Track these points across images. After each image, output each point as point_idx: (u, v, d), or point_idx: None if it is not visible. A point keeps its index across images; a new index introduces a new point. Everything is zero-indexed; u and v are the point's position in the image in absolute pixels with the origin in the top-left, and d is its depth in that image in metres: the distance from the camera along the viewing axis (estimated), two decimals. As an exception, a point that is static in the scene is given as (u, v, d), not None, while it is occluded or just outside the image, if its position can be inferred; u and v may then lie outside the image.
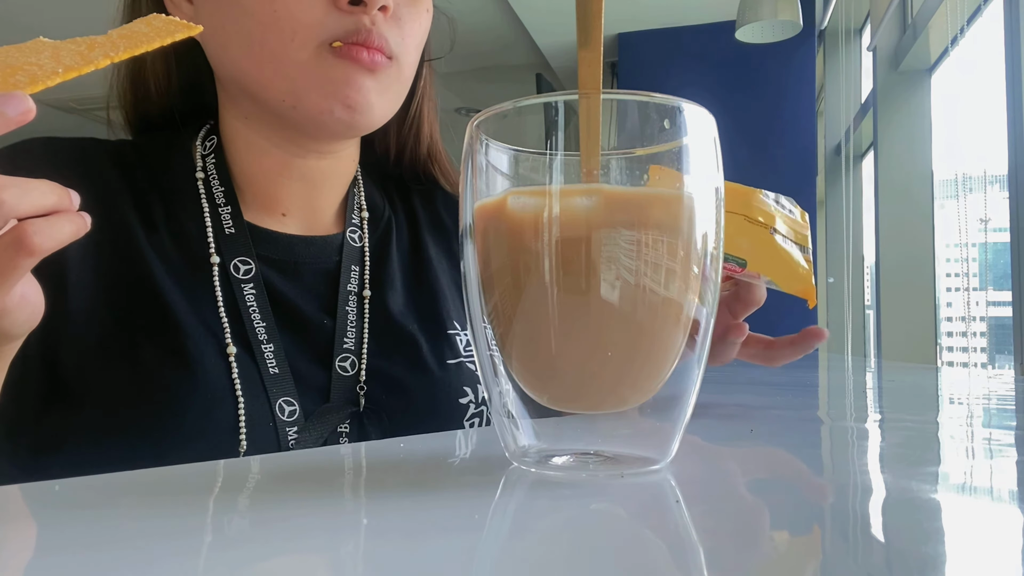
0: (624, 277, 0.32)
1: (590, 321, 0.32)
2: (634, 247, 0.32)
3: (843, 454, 0.42)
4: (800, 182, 3.24)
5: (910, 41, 2.92)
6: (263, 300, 0.59)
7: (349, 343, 0.62)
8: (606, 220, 0.32)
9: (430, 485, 0.33)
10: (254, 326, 0.58)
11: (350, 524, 0.27)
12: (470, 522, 0.27)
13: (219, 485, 0.34)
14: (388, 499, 0.30)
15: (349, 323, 0.63)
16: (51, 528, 0.26)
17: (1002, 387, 0.90)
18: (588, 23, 0.33)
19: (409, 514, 0.28)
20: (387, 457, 0.40)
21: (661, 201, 0.33)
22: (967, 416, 0.64)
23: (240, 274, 0.60)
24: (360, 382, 0.61)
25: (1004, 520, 0.29)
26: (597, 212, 0.32)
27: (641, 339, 0.33)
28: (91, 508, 0.29)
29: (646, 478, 0.33)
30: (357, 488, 0.33)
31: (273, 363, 0.57)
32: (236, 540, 0.26)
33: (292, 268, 0.63)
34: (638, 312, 0.32)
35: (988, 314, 2.89)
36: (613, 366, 0.33)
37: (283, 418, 0.56)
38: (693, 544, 0.26)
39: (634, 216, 0.32)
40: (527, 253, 0.32)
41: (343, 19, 0.56)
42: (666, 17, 3.37)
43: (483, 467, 0.37)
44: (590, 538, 0.26)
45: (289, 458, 0.41)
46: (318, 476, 0.36)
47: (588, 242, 0.31)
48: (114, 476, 0.33)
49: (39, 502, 0.30)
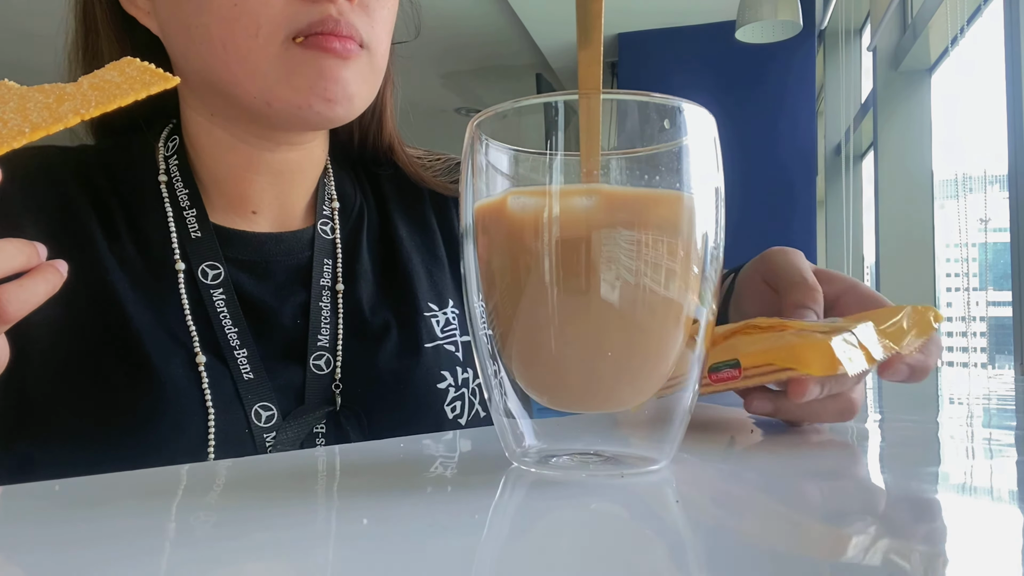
0: (624, 277, 0.32)
1: (590, 321, 0.32)
2: (634, 247, 0.32)
3: (843, 454, 0.42)
4: (800, 182, 3.24)
5: (910, 41, 2.92)
6: (233, 304, 0.58)
7: (323, 340, 0.60)
8: (606, 220, 0.32)
9: (430, 485, 0.33)
10: (225, 332, 0.57)
11: (351, 524, 0.27)
12: (471, 522, 0.27)
13: (221, 485, 0.34)
14: (388, 500, 0.30)
15: (323, 320, 0.61)
16: (51, 528, 0.26)
17: (1002, 387, 0.90)
18: (588, 24, 0.33)
19: (409, 514, 0.28)
20: (386, 457, 0.40)
21: (661, 201, 0.33)
22: (967, 416, 0.64)
23: (208, 279, 0.58)
24: (335, 380, 0.60)
25: (1004, 520, 0.29)
26: (597, 212, 0.32)
27: (641, 339, 0.33)
28: (91, 508, 0.29)
29: (646, 478, 0.33)
30: (357, 489, 0.33)
31: (247, 368, 0.56)
32: (237, 540, 0.26)
33: (263, 268, 0.61)
34: (638, 312, 0.32)
35: (988, 314, 2.89)
36: (613, 366, 0.33)
37: (260, 424, 0.54)
38: (693, 544, 0.26)
39: (634, 216, 0.32)
40: (527, 253, 0.32)
41: (309, 9, 0.54)
42: (666, 17, 3.37)
43: (483, 467, 0.37)
44: (590, 538, 0.26)
45: (274, 461, 0.41)
46: (311, 478, 0.35)
47: (588, 242, 0.31)
48: (115, 476, 0.33)
49: (39, 502, 0.30)
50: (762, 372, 0.42)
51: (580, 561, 0.23)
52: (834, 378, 0.42)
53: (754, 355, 0.42)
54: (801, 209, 3.23)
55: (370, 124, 0.71)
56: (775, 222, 3.19)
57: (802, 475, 0.35)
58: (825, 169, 3.87)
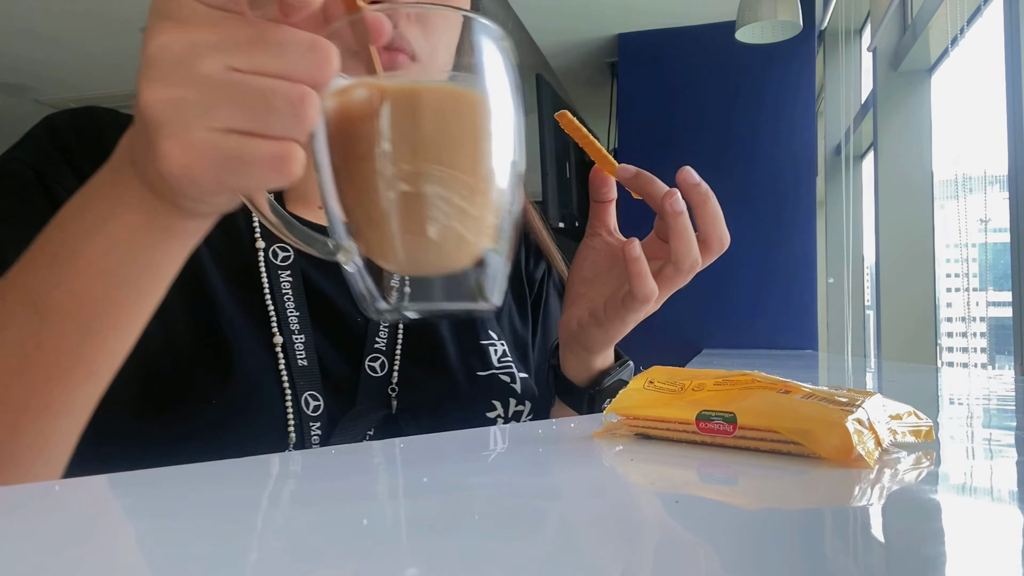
0: (433, 148, 0.35)
1: (408, 197, 0.35)
2: (439, 136, 0.35)
3: (843, 454, 0.42)
4: (800, 182, 3.24)
5: (910, 41, 2.92)
6: (299, 289, 0.59)
7: (380, 343, 0.61)
8: (409, 106, 0.35)
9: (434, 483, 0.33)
10: (287, 315, 0.57)
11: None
12: (470, 522, 0.27)
13: (231, 483, 0.34)
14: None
15: (383, 324, 0.62)
16: (51, 528, 0.26)
17: (1002, 387, 0.90)
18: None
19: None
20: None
21: (460, 94, 0.36)
22: (967, 416, 0.64)
23: (278, 260, 0.59)
24: (392, 383, 0.60)
25: (1004, 520, 0.29)
26: (401, 99, 0.35)
27: (457, 204, 0.36)
28: (91, 508, 0.29)
29: (644, 479, 0.33)
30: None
31: (303, 355, 0.57)
32: (236, 541, 0.26)
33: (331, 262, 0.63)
34: (449, 187, 0.35)
35: (988, 314, 2.89)
36: (441, 230, 0.36)
37: (307, 412, 0.55)
38: (693, 544, 0.26)
39: (430, 107, 0.35)
40: (352, 139, 0.35)
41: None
42: (666, 17, 3.36)
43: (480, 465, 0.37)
44: (589, 538, 0.26)
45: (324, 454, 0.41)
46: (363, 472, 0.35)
47: (396, 127, 0.34)
48: (115, 476, 0.33)
49: (40, 502, 0.30)
50: (761, 437, 0.38)
51: (579, 561, 0.23)
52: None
53: (754, 414, 0.38)
54: (801, 209, 3.22)
55: None
56: (775, 222, 3.19)
57: (801, 475, 0.35)
58: (825, 169, 3.86)
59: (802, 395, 0.39)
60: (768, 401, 0.39)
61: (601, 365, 0.65)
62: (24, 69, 3.85)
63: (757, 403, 0.39)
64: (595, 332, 0.61)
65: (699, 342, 3.19)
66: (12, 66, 3.79)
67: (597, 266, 0.63)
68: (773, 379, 0.42)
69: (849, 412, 0.36)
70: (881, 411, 0.39)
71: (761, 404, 0.39)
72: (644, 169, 0.58)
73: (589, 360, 0.64)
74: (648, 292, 0.55)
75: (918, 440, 0.41)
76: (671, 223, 0.55)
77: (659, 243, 0.58)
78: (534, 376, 0.73)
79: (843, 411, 0.37)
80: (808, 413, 0.37)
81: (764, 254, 3.20)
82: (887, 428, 0.39)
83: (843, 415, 0.36)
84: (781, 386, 0.41)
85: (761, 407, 0.39)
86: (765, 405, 0.39)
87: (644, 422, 0.43)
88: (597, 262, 0.63)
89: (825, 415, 0.37)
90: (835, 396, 0.39)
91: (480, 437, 0.47)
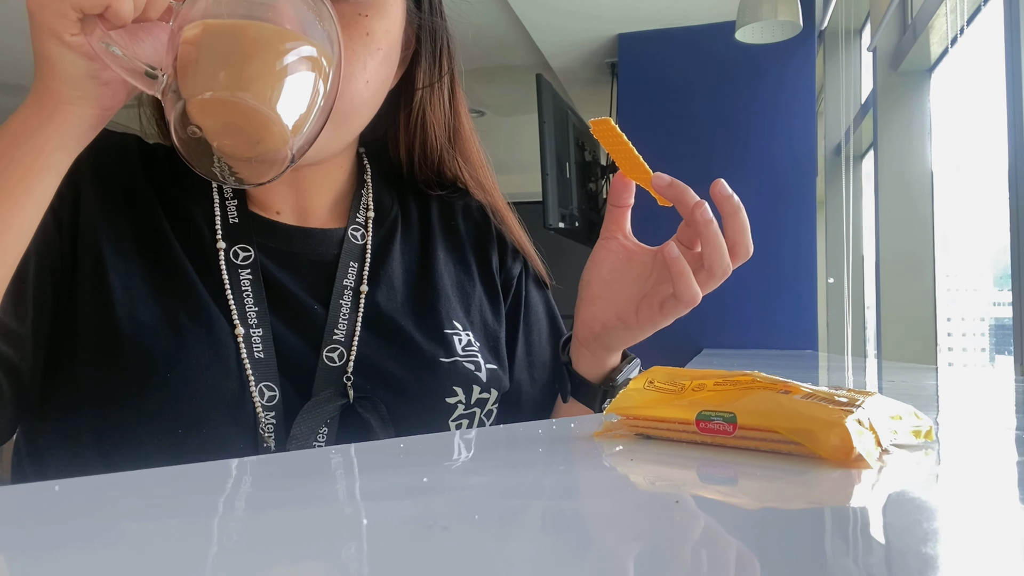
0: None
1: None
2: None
3: (843, 454, 0.42)
4: (800, 182, 3.24)
5: (910, 41, 2.92)
6: (258, 286, 0.62)
7: (339, 335, 0.63)
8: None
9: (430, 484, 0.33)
10: (245, 310, 0.60)
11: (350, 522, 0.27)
12: (470, 522, 0.27)
13: (228, 484, 0.34)
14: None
15: (342, 315, 0.64)
16: (51, 528, 0.26)
17: (1002, 387, 0.90)
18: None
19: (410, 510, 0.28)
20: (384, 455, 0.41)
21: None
22: (967, 416, 0.64)
23: (239, 260, 0.63)
24: (347, 372, 0.62)
25: (1004, 520, 0.29)
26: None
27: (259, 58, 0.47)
28: (91, 508, 0.29)
29: (644, 479, 0.33)
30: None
31: (259, 347, 0.59)
32: (237, 539, 0.26)
33: (289, 257, 0.65)
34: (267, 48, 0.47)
35: (988, 314, 2.89)
36: (260, 86, 0.46)
37: (263, 402, 0.58)
38: (693, 544, 0.26)
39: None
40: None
41: None
42: (666, 17, 3.36)
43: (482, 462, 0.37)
44: (590, 538, 0.26)
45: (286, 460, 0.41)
46: (323, 477, 0.36)
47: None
48: (115, 476, 0.33)
49: (39, 502, 0.30)
50: (761, 437, 0.38)
51: (579, 561, 0.23)
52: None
53: (754, 414, 0.38)
54: (801, 209, 3.22)
55: (413, 146, 0.74)
56: (775, 222, 3.19)
57: (801, 475, 0.35)
58: (825, 169, 3.86)
59: (802, 395, 0.39)
60: (768, 401, 0.39)
61: (613, 363, 0.69)
62: (24, 69, 3.85)
63: (757, 403, 0.39)
64: (621, 334, 0.64)
65: (699, 342, 3.19)
66: (12, 66, 3.79)
67: (615, 268, 0.65)
68: (773, 379, 0.42)
69: (849, 412, 0.37)
70: (881, 411, 0.39)
71: (761, 404, 0.39)
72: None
73: (606, 359, 0.68)
74: (693, 295, 0.58)
75: (918, 440, 0.42)
76: (703, 231, 0.58)
77: (681, 248, 0.61)
78: (550, 371, 0.76)
79: (843, 411, 0.37)
80: (808, 413, 0.37)
81: (764, 254, 3.19)
82: (887, 428, 0.39)
83: (843, 415, 0.36)
84: (781, 386, 0.41)
85: (761, 407, 0.39)
86: (765, 405, 0.39)
87: (644, 422, 0.43)
88: (615, 264, 0.65)
89: (825, 415, 0.37)
90: (835, 396, 0.39)
91: (481, 437, 0.47)
